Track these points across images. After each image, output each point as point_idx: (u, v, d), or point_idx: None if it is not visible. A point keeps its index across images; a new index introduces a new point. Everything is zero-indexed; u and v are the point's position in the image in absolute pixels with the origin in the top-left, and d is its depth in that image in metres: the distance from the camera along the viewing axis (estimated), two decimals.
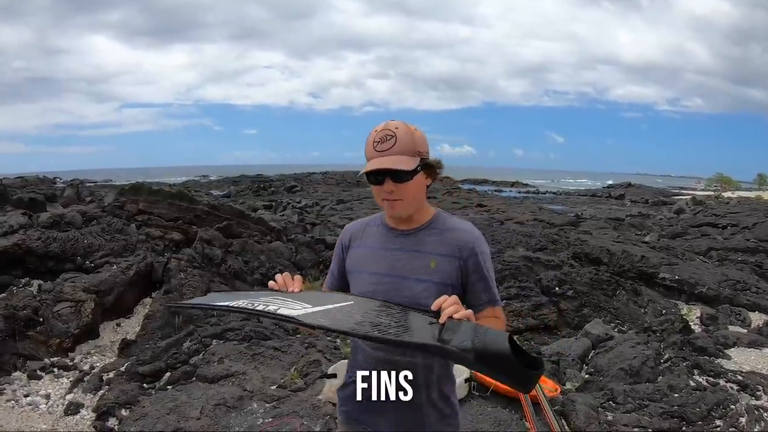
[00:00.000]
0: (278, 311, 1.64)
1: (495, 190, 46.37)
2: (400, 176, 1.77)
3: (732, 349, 6.09)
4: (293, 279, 1.87)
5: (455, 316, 1.53)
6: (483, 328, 1.53)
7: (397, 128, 1.79)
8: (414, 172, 1.78)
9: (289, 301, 1.72)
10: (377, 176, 1.79)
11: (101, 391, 4.93)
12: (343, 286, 2.04)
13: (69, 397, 4.93)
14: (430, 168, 1.85)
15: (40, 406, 4.76)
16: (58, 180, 36.61)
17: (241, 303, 1.74)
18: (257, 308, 1.67)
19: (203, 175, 69.19)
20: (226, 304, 1.78)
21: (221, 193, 33.32)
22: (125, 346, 5.93)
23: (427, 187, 1.89)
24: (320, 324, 1.60)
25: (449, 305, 1.56)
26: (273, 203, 25.61)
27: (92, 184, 36.57)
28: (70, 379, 5.28)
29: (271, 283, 1.87)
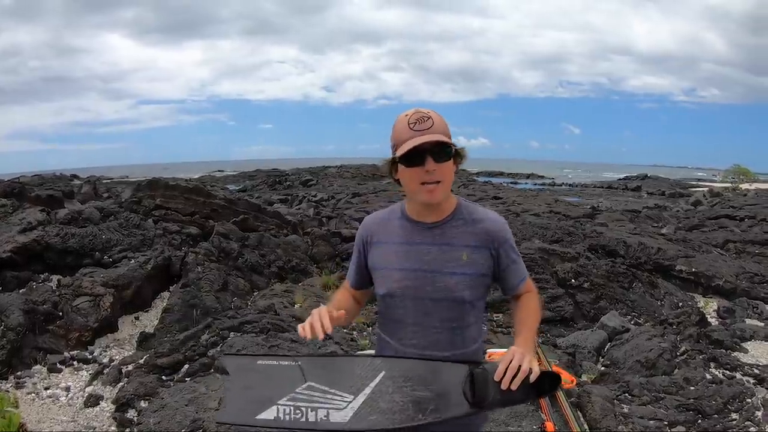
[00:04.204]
0: (330, 419, 1.66)
1: (511, 182, 46.25)
2: (442, 155, 1.74)
3: (749, 342, 6.05)
4: (320, 320, 1.71)
5: (531, 378, 1.60)
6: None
7: (429, 112, 1.77)
8: (453, 153, 1.78)
9: (327, 392, 1.69)
10: (418, 156, 1.73)
11: (120, 384, 4.99)
12: (365, 281, 2.05)
13: (89, 389, 5.00)
14: (457, 156, 1.83)
15: (61, 399, 4.82)
16: (75, 177, 36.94)
17: (283, 410, 1.70)
18: (309, 420, 1.67)
19: (219, 170, 69.66)
20: (273, 416, 1.70)
21: (237, 188, 33.50)
22: (144, 339, 6.00)
23: None
24: (375, 427, 1.65)
25: (513, 372, 1.59)
26: (289, 197, 25.74)
27: (109, 181, 36.87)
28: (90, 372, 5.34)
29: (300, 330, 1.72)
